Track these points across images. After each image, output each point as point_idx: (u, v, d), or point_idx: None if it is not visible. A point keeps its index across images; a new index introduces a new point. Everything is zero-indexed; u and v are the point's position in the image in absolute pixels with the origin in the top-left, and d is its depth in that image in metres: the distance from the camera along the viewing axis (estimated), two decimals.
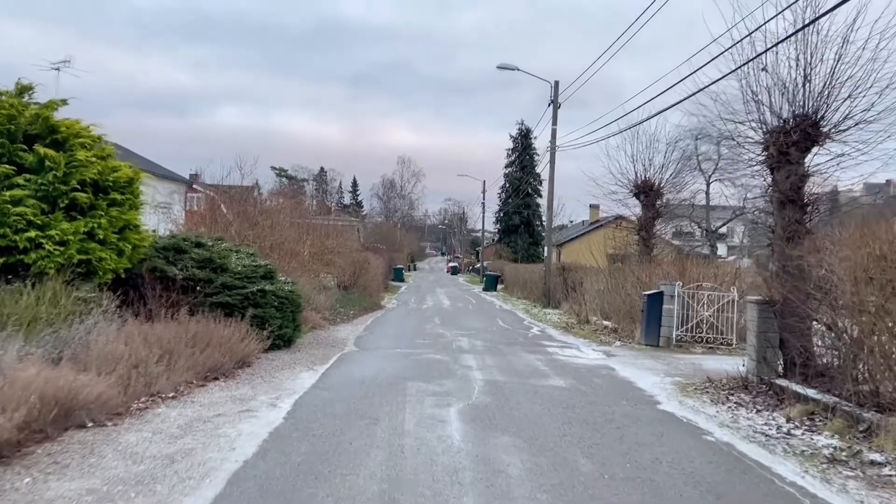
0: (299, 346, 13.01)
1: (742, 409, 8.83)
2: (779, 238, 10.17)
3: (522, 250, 57.54)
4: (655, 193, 17.81)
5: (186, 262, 11.87)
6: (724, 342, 14.60)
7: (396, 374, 10.30)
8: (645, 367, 12.20)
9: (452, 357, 12.46)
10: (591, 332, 18.09)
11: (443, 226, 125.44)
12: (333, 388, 9.19)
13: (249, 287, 11.93)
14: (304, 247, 20.96)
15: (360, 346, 13.81)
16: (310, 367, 10.78)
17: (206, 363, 9.20)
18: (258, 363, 10.74)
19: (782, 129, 10.01)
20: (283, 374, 10.13)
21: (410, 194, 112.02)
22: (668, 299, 14.79)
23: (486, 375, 10.51)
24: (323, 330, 15.85)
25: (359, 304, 22.40)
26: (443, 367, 11.16)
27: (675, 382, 10.63)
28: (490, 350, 13.80)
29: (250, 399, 8.28)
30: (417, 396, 8.67)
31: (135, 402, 7.41)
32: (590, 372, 11.38)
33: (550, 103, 27.09)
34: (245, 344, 10.46)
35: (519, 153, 60.46)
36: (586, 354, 13.79)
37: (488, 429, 7.12)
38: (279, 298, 12.36)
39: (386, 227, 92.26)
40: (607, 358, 13.32)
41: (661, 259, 17.92)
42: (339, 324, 17.60)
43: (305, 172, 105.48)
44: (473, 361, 12.02)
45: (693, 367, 12.21)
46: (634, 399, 9.15)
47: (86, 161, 10.04)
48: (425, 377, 10.13)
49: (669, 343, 14.71)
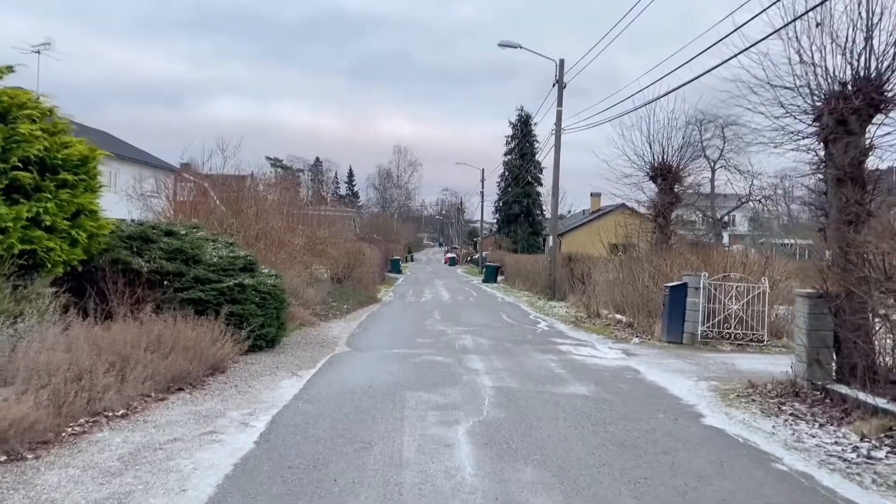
0: (284, 346, 11.63)
1: (801, 422, 7.48)
2: (834, 221, 8.79)
3: (522, 240, 56.13)
4: (674, 176, 16.40)
5: (154, 253, 10.46)
6: (754, 338, 13.26)
7: (393, 382, 8.92)
8: (672, 368, 10.84)
9: (456, 359, 11.09)
10: (604, 326, 16.74)
11: (440, 216, 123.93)
12: (319, 399, 7.81)
13: (226, 281, 10.53)
14: (295, 237, 19.54)
15: (353, 345, 12.42)
16: (294, 373, 9.40)
17: (168, 371, 7.82)
18: (234, 369, 9.35)
19: (841, 95, 8.61)
20: (262, 381, 8.74)
21: (407, 184, 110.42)
22: (693, 292, 13.43)
23: (496, 381, 9.14)
24: (313, 327, 14.46)
25: (353, 298, 21.03)
26: (446, 372, 9.78)
27: (712, 388, 9.27)
28: (497, 349, 12.43)
29: (217, 416, 6.90)
30: (418, 411, 7.30)
31: (70, 426, 6.01)
32: (613, 375, 10.02)
33: (555, 83, 25.61)
34: (218, 347, 9.07)
35: (518, 140, 58.90)
36: (604, 353, 12.43)
37: (506, 457, 5.74)
38: (261, 293, 10.96)
39: (382, 217, 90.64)
40: (628, 357, 11.96)
41: (681, 247, 16.52)
42: (332, 320, 16.21)
43: (301, 163, 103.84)
44: (480, 364, 10.66)
45: (726, 369, 10.87)
46: (672, 410, 7.79)
47: (29, 136, 8.59)
48: (427, 385, 8.76)
49: (694, 340, 13.36)
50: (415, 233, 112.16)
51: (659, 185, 16.69)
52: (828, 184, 9.04)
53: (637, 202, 18.44)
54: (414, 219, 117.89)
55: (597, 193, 64.90)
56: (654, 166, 16.57)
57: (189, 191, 18.23)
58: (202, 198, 16.05)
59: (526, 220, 58.27)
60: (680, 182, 16.69)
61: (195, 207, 15.78)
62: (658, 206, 16.68)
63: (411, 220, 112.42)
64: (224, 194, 16.28)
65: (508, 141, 60.19)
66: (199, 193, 16.32)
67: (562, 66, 25.38)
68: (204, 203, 15.97)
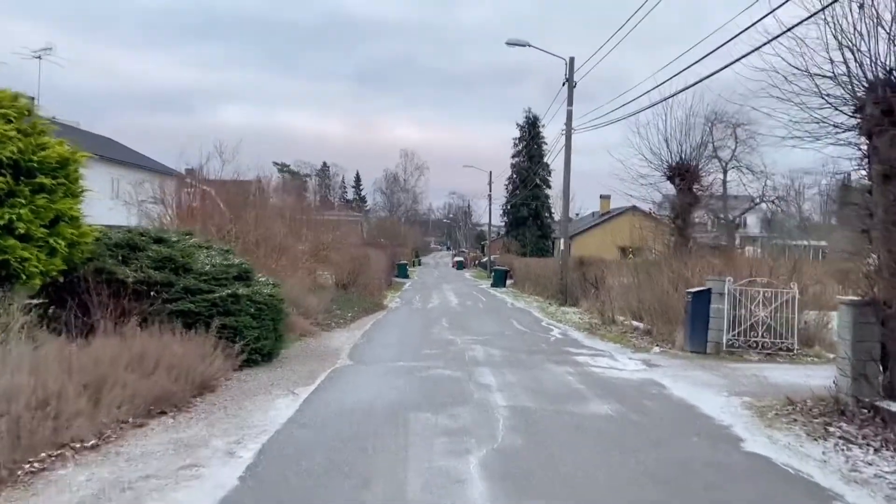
0: (282, 360, 10.90)
1: (853, 447, 6.67)
2: (881, 222, 7.98)
3: (531, 244, 55.28)
4: (692, 175, 15.60)
5: (142, 262, 9.77)
6: (783, 347, 12.43)
7: (397, 401, 8.17)
8: (700, 381, 10.05)
9: (466, 372, 10.33)
10: (620, 334, 15.94)
11: (447, 220, 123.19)
12: (315, 423, 7.07)
13: (218, 291, 9.82)
14: (297, 242, 18.85)
15: (356, 358, 11.68)
16: (290, 391, 8.67)
17: (150, 393, 7.10)
18: (225, 387, 8.63)
19: (886, 83, 7.82)
20: (255, 402, 8.01)
21: (414, 188, 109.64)
22: (717, 298, 12.62)
23: (510, 400, 8.37)
24: (314, 338, 13.73)
25: (358, 305, 20.30)
26: (455, 389, 9.02)
27: (746, 404, 8.47)
28: (510, 361, 11.66)
29: (200, 445, 6.17)
30: (424, 436, 6.55)
31: (29, 461, 5.29)
32: (636, 391, 9.24)
33: (565, 82, 24.84)
34: (208, 363, 8.36)
35: (526, 143, 58.12)
36: (624, 365, 11.64)
37: (527, 495, 4.98)
38: (256, 304, 10.25)
39: (389, 222, 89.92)
40: (650, 369, 11.17)
41: (701, 251, 15.70)
42: (334, 329, 15.47)
43: (308, 168, 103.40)
44: (492, 378, 9.89)
45: (758, 382, 10.07)
46: (708, 434, 7.01)
47: (2, 136, 7.93)
48: (434, 404, 8.00)
49: (719, 349, 12.54)
50: (422, 236, 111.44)
51: (677, 185, 15.90)
52: (873, 180, 8.23)
53: (654, 203, 17.63)
54: (421, 223, 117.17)
55: (606, 195, 63.86)
56: (672, 165, 15.78)
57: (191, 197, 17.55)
58: (200, 203, 15.39)
59: (534, 222, 57.44)
60: (699, 182, 15.89)
61: (192, 213, 15.12)
62: (676, 207, 15.88)
63: (418, 224, 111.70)
64: (223, 199, 15.60)
65: (516, 143, 59.47)
66: (198, 198, 15.65)
67: (572, 64, 24.62)
68: (202, 208, 15.30)
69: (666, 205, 16.77)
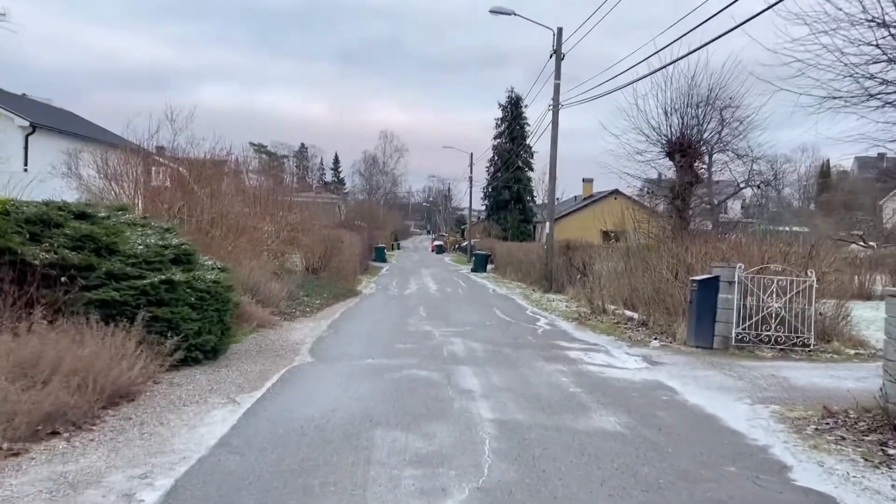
0: (230, 357, 9.36)
1: None
2: None
3: (513, 227, 53.92)
4: (694, 152, 14.22)
5: (57, 241, 8.13)
6: (797, 343, 11.15)
7: (360, 413, 6.70)
8: (714, 384, 8.71)
9: (444, 373, 8.87)
10: (613, 325, 14.61)
11: (427, 203, 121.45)
12: (253, 447, 5.56)
13: (150, 276, 8.22)
14: (261, 222, 17.22)
15: (318, 354, 10.16)
16: (231, 399, 7.15)
17: (38, 408, 5.54)
18: (150, 394, 7.08)
19: None
20: (183, 414, 6.48)
21: (393, 171, 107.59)
22: (726, 286, 11.29)
23: (496, 411, 6.93)
24: (273, 329, 12.17)
25: (329, 291, 18.74)
26: (431, 395, 7.56)
27: (776, 415, 7.14)
28: (494, 358, 10.24)
29: (91, 483, 4.65)
30: (390, 468, 5.08)
31: None
32: (643, 397, 7.87)
33: (552, 54, 23.31)
34: (126, 366, 6.80)
35: (509, 123, 56.49)
36: (622, 362, 10.29)
37: None
38: (198, 292, 8.68)
39: (368, 204, 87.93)
40: (653, 368, 9.83)
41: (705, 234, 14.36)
42: (298, 319, 13.90)
43: (286, 149, 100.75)
44: (474, 380, 8.46)
45: (779, 384, 8.76)
46: (744, 459, 5.63)
47: None
48: (404, 418, 6.54)
49: (727, 344, 11.24)
50: (402, 220, 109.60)
51: (677, 161, 14.51)
52: None
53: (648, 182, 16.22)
54: (401, 206, 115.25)
55: (589, 179, 62.85)
56: (672, 140, 14.37)
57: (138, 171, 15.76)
58: (145, 177, 13.69)
59: (516, 206, 56.01)
60: (701, 159, 14.52)
61: (137, 188, 13.43)
62: (676, 186, 14.49)
63: (398, 208, 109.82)
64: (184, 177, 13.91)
65: (498, 124, 57.79)
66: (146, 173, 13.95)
67: (559, 35, 23.07)
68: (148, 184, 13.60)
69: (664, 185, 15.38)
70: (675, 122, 14.14)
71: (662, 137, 14.39)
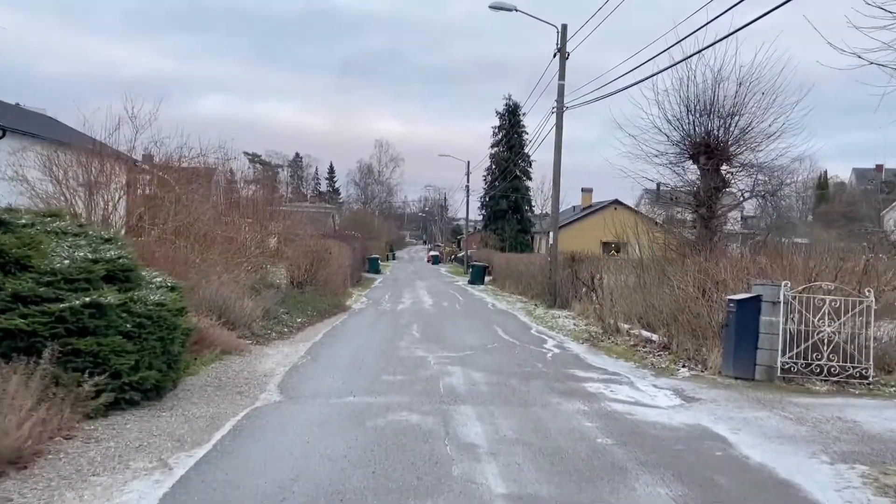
0: (178, 395, 7.68)
1: None
2: None
3: (510, 238, 52.36)
4: (721, 153, 12.64)
5: None
6: (854, 374, 9.53)
7: (328, 487, 5.01)
8: (771, 431, 7.06)
9: (440, 417, 7.20)
10: (630, 348, 12.99)
11: (423, 213, 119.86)
12: None
13: (70, 299, 6.55)
14: (237, 232, 15.57)
15: (288, 390, 8.45)
16: (162, 461, 5.47)
17: None
18: (55, 455, 5.39)
19: None
20: (87, 489, 4.80)
21: (389, 180, 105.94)
22: (769, 307, 9.68)
23: (510, 481, 5.26)
24: (241, 356, 10.46)
25: (313, 307, 17.05)
26: (424, 455, 5.87)
27: (870, 481, 5.50)
28: (500, 393, 8.58)
29: None
30: None
31: None
32: (692, 452, 6.22)
33: (556, 53, 21.80)
34: (15, 421, 5.12)
35: (506, 131, 55.04)
36: (652, 397, 8.65)
37: None
38: (136, 317, 7.02)
39: (363, 214, 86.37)
40: (690, 406, 8.20)
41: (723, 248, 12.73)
42: (273, 342, 12.20)
43: (280, 158, 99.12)
44: (478, 428, 6.79)
45: (850, 431, 7.13)
46: None
47: None
48: (388, 497, 4.87)
49: (771, 375, 9.61)
50: (397, 230, 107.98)
51: (702, 164, 12.90)
52: None
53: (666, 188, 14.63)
54: (397, 216, 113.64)
55: (588, 189, 61.33)
56: (696, 141, 12.77)
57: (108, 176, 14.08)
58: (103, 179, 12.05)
59: (514, 216, 54.50)
60: (729, 161, 12.91)
61: (92, 193, 11.78)
62: (700, 192, 12.89)
63: (394, 218, 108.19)
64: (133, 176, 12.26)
65: (495, 132, 56.40)
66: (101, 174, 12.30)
67: (564, 33, 21.57)
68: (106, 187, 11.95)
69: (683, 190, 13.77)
70: (700, 121, 12.56)
71: (685, 138, 12.80)
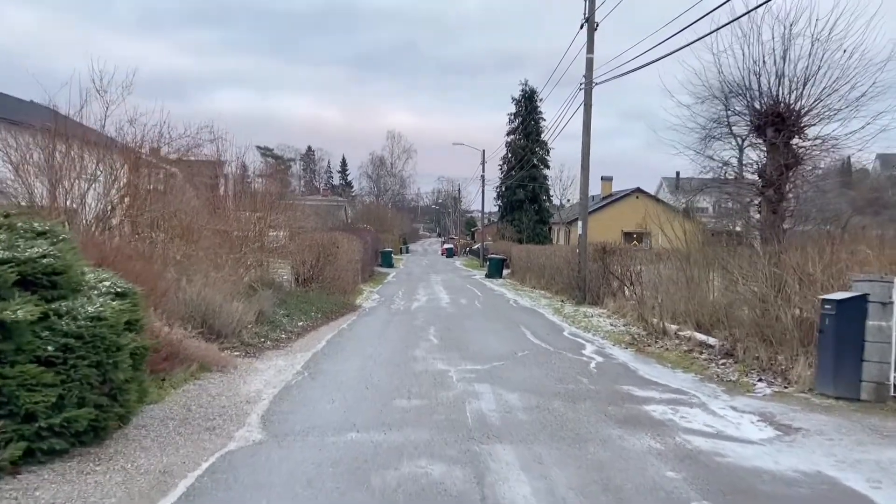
0: (129, 434, 5.87)
1: None
2: None
3: (528, 229, 50.27)
4: (793, 124, 10.62)
5: None
6: None
7: None
8: None
9: (471, 469, 5.34)
10: (684, 355, 11.10)
11: (436, 206, 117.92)
12: None
13: None
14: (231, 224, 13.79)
15: (274, 424, 6.60)
16: None
17: None
18: None
19: None
20: None
21: (401, 172, 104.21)
22: (878, 310, 7.72)
23: None
24: (223, 373, 8.64)
25: (318, 308, 15.26)
26: None
27: None
28: (544, 424, 6.70)
29: None
30: None
31: None
32: None
33: (583, 24, 19.78)
34: None
35: (523, 118, 52.87)
36: (736, 426, 6.76)
37: None
38: (61, 337, 5.23)
39: (375, 206, 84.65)
40: (791, 441, 6.30)
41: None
42: (266, 352, 10.37)
43: (292, 151, 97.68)
44: (525, 486, 4.93)
45: None
46: None
47: None
48: None
49: (883, 395, 7.67)
50: (410, 223, 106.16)
51: (768, 138, 10.87)
52: None
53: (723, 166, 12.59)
54: (410, 209, 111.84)
55: (608, 177, 59.13)
56: (762, 111, 10.73)
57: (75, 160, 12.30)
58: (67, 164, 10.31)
59: (531, 206, 52.34)
60: (801, 134, 10.87)
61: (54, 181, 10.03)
62: (768, 170, 10.89)
63: (407, 210, 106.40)
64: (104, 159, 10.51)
65: (511, 119, 54.21)
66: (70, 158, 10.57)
67: (592, 1, 19.54)
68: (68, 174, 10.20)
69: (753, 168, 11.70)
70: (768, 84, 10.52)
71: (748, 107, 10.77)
